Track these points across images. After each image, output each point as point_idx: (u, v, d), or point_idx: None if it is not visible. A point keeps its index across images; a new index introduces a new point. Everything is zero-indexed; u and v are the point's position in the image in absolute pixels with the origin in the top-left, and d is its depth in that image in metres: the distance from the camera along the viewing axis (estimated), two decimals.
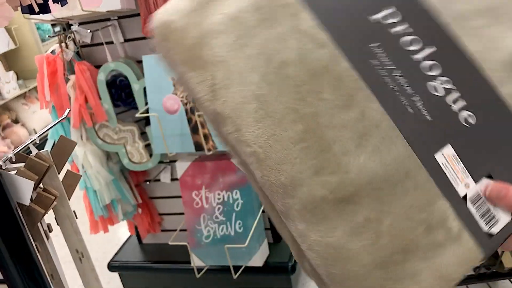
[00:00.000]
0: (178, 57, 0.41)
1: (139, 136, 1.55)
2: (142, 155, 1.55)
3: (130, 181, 1.66)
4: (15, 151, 0.67)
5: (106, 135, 1.54)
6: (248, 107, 0.38)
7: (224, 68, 0.39)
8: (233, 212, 1.52)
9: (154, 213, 1.77)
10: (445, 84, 0.42)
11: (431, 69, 0.42)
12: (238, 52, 0.39)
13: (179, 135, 1.44)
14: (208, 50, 0.39)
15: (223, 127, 0.39)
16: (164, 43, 0.41)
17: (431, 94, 0.41)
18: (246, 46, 0.39)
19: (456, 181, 0.40)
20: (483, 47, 0.43)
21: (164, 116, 1.43)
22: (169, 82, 1.41)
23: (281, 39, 0.40)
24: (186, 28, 0.40)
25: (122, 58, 1.49)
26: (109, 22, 1.45)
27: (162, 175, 1.69)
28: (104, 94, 1.46)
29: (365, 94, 0.40)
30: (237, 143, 0.39)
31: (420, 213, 0.39)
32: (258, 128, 0.38)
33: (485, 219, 0.41)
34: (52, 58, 1.42)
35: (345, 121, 0.39)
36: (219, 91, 0.39)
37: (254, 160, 0.39)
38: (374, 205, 0.38)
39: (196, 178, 1.55)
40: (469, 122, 0.41)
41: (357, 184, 0.38)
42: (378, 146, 0.39)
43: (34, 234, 0.65)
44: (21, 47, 3.68)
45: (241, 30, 0.39)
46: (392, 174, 0.39)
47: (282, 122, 0.38)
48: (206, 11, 0.40)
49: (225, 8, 0.40)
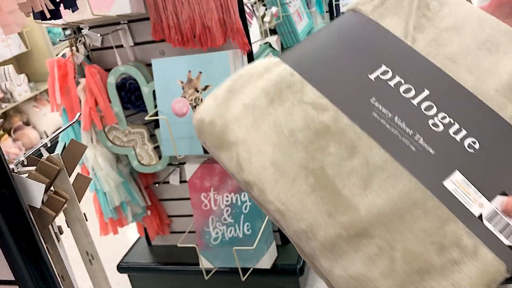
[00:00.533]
0: (211, 144, 0.49)
1: (148, 139, 1.56)
2: (151, 157, 1.57)
3: (140, 183, 1.67)
4: (27, 155, 0.68)
5: (116, 137, 1.56)
6: (267, 172, 0.46)
7: (245, 146, 0.47)
8: (242, 214, 1.53)
9: (163, 215, 1.78)
10: (444, 120, 0.46)
11: (428, 110, 0.47)
12: (255, 131, 0.47)
13: (188, 137, 1.45)
14: (232, 135, 0.48)
15: (252, 192, 0.47)
16: (201, 136, 0.51)
17: (432, 130, 0.46)
18: (261, 125, 0.48)
19: (469, 203, 0.44)
20: (478, 80, 0.48)
21: (173, 119, 1.44)
22: (178, 86, 1.43)
23: (289, 113, 0.48)
24: (213, 121, 0.49)
25: (132, 62, 1.50)
26: (119, 26, 1.47)
27: (171, 177, 1.70)
28: (114, 97, 1.48)
29: (367, 142, 0.45)
30: (264, 203, 0.46)
31: (432, 236, 0.43)
32: (277, 188, 0.45)
33: (505, 233, 0.43)
34: (63, 62, 1.44)
35: (351, 168, 0.45)
36: (244, 164, 0.47)
37: (278, 215, 0.45)
38: (385, 235, 0.43)
39: (204, 180, 1.56)
40: (473, 148, 0.45)
41: (367, 220, 0.43)
42: (383, 185, 0.44)
43: (45, 236, 0.66)
44: (32, 50, 3.73)
45: (256, 113, 0.48)
46: (399, 206, 0.43)
47: (296, 179, 0.45)
48: (228, 104, 0.50)
49: (242, 99, 0.49)
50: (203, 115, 0.50)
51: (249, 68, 0.52)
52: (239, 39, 1.35)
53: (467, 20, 0.53)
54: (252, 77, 0.51)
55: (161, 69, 1.44)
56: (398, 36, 0.52)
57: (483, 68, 0.49)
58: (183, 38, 1.38)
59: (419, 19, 0.53)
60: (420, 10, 0.54)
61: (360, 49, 0.51)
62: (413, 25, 0.52)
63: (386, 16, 0.53)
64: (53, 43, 3.82)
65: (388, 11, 0.53)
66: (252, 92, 0.50)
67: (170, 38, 1.38)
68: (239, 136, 0.48)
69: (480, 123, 0.46)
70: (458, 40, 0.51)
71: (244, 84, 0.51)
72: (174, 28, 1.37)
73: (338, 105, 0.47)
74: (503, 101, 0.47)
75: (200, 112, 0.51)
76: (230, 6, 1.31)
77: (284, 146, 0.46)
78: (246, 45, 1.37)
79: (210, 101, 0.51)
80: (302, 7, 2.38)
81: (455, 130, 0.46)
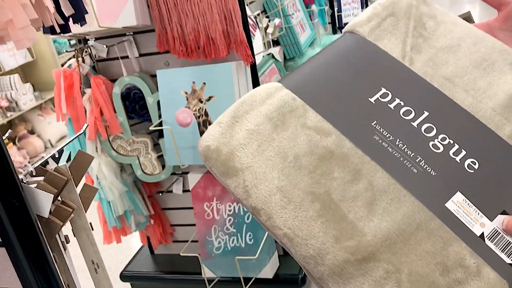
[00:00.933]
0: (217, 171, 0.50)
1: (152, 148, 1.58)
2: (155, 166, 1.58)
3: (143, 192, 1.69)
4: (35, 165, 0.70)
5: (120, 146, 1.57)
6: (274, 198, 0.47)
7: (251, 172, 0.48)
8: (244, 224, 1.54)
9: (166, 224, 1.79)
10: (444, 141, 0.47)
11: (428, 131, 0.48)
12: (260, 157, 0.48)
13: (192, 147, 1.46)
14: (237, 161, 0.48)
15: (259, 217, 0.47)
16: (207, 162, 0.51)
17: (432, 152, 0.47)
18: (266, 150, 0.48)
19: (470, 223, 0.44)
20: (475, 99, 0.49)
21: (177, 128, 1.46)
22: (182, 96, 1.45)
23: (292, 138, 0.48)
24: (219, 148, 0.50)
25: (137, 72, 1.53)
26: (124, 37, 1.49)
27: (174, 187, 1.71)
28: (119, 107, 1.50)
29: (370, 166, 0.46)
30: (272, 228, 0.47)
31: (436, 257, 0.44)
32: (284, 213, 0.46)
33: (506, 252, 0.44)
34: (69, 72, 1.46)
35: (356, 192, 0.46)
36: (251, 190, 0.47)
37: (286, 240, 0.46)
38: (391, 258, 0.44)
39: (207, 189, 1.57)
40: (473, 168, 0.46)
41: (374, 244, 0.44)
42: (387, 208, 0.45)
43: (52, 245, 0.68)
44: (38, 59, 3.77)
45: (260, 139, 0.49)
46: (404, 228, 0.44)
47: (302, 205, 0.46)
48: (232, 131, 0.50)
49: (245, 125, 0.50)
50: (209, 142, 0.51)
51: (251, 94, 0.53)
52: (242, 51, 1.37)
53: (463, 39, 0.54)
54: (255, 103, 0.52)
55: (165, 80, 1.46)
56: (396, 57, 0.53)
57: (479, 87, 0.50)
58: (188, 50, 1.40)
59: (416, 39, 0.54)
60: (416, 30, 0.55)
61: (359, 72, 0.52)
62: (410, 45, 0.53)
63: (383, 37, 0.54)
64: (58, 53, 3.85)
65: (385, 32, 0.54)
66: (255, 118, 0.51)
67: (174, 49, 1.41)
68: (245, 162, 0.48)
69: (479, 143, 0.47)
70: (455, 59, 0.52)
71: (247, 110, 0.51)
72: (178, 40, 1.39)
73: (341, 129, 0.48)
74: (500, 120, 0.48)
75: (205, 139, 0.52)
76: (234, 19, 1.34)
77: (289, 172, 0.47)
78: (250, 57, 1.39)
79: (215, 129, 0.52)
80: (304, 18, 2.40)
81: (455, 151, 0.47)
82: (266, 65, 1.96)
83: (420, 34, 0.54)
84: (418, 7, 0.56)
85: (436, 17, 0.56)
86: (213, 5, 1.32)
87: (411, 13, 0.56)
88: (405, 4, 0.56)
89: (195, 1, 1.32)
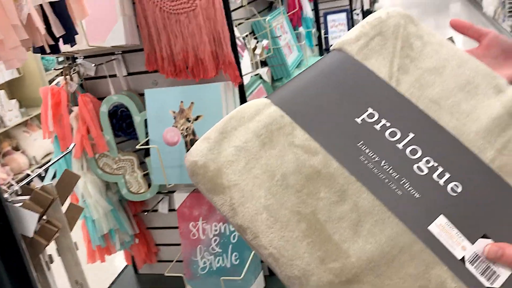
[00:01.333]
0: (204, 187, 0.49)
1: (138, 166, 1.57)
2: (141, 184, 1.58)
3: (128, 211, 1.68)
4: (21, 184, 0.70)
5: (106, 164, 1.57)
6: (260, 217, 0.46)
7: (238, 190, 0.47)
8: (230, 244, 1.53)
9: (151, 243, 1.78)
10: (428, 163, 0.48)
11: (413, 153, 0.48)
12: (247, 175, 0.48)
13: (178, 166, 1.46)
14: (225, 178, 0.48)
15: (245, 236, 0.48)
16: (193, 178, 0.51)
17: (417, 174, 0.47)
18: (253, 168, 0.48)
19: (452, 246, 0.45)
20: (459, 122, 0.50)
21: (164, 147, 1.46)
22: (170, 115, 1.45)
23: (280, 156, 0.48)
24: (206, 165, 0.49)
25: (125, 91, 1.53)
26: (113, 56, 1.50)
27: (160, 206, 1.70)
28: (106, 126, 1.50)
29: (356, 186, 0.47)
30: (257, 247, 0.47)
31: (418, 280, 0.44)
32: (271, 233, 0.46)
33: (485, 276, 0.45)
34: (56, 90, 1.46)
35: (341, 213, 0.46)
36: (238, 208, 0.47)
37: (272, 260, 0.46)
38: (375, 280, 0.44)
39: (193, 209, 1.57)
40: (456, 191, 0.47)
41: (358, 266, 0.44)
42: (372, 229, 0.45)
43: (35, 264, 0.67)
44: (25, 75, 3.75)
45: (248, 156, 0.49)
46: (387, 251, 0.45)
47: (288, 225, 0.46)
48: (220, 147, 0.50)
49: (233, 141, 0.50)
50: (196, 158, 0.50)
51: (240, 110, 0.53)
52: (231, 71, 1.39)
53: (448, 60, 0.55)
54: (243, 118, 0.51)
55: (153, 99, 1.47)
56: (383, 77, 0.53)
57: (464, 110, 0.51)
58: (176, 70, 1.42)
59: (403, 60, 0.54)
60: (404, 50, 0.55)
61: (347, 92, 0.52)
62: (397, 65, 0.54)
63: (371, 57, 0.54)
64: (46, 70, 3.84)
65: (373, 52, 0.55)
66: (243, 134, 0.50)
67: (163, 69, 1.42)
68: (232, 180, 0.48)
69: (462, 167, 0.48)
70: (440, 81, 0.53)
71: (235, 126, 0.51)
72: (167, 60, 1.40)
73: (327, 148, 0.48)
74: (483, 144, 0.49)
75: (192, 154, 0.51)
76: (223, 40, 1.36)
77: (276, 191, 0.47)
78: (238, 78, 1.41)
79: (202, 144, 0.51)
80: (292, 40, 2.44)
81: (438, 174, 0.47)
82: (254, 86, 1.98)
83: (407, 55, 0.55)
84: (405, 27, 0.57)
85: (423, 37, 0.57)
86: (202, 27, 1.33)
87: (398, 33, 0.56)
88: (393, 24, 0.57)
89: (184, 22, 1.34)
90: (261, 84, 2.05)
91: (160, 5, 1.35)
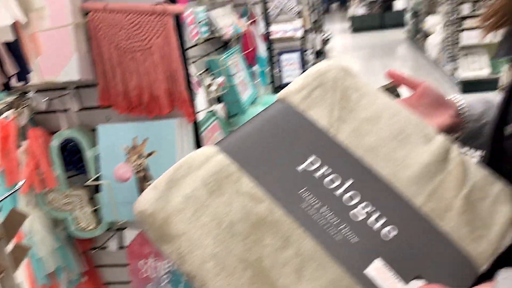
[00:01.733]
0: (152, 236, 0.50)
1: (87, 202, 1.54)
2: (90, 221, 1.54)
3: (77, 248, 1.63)
4: None
5: (54, 200, 1.53)
6: (208, 265, 0.48)
7: (187, 238, 0.48)
8: (181, 283, 1.51)
9: (99, 281, 1.72)
10: (366, 209, 0.51)
11: (352, 199, 0.51)
12: (195, 223, 0.49)
13: (130, 202, 1.44)
14: (173, 227, 0.49)
15: (194, 284, 0.49)
16: (143, 226, 0.52)
17: (354, 220, 0.50)
18: (201, 216, 0.49)
19: None
20: (394, 169, 0.53)
21: (115, 183, 1.44)
22: (122, 151, 1.45)
23: (227, 204, 0.50)
24: (154, 214, 0.50)
25: (77, 126, 1.52)
26: (66, 91, 1.49)
27: (109, 243, 1.67)
28: (56, 160, 1.47)
29: (299, 233, 0.49)
30: None
31: None
32: (217, 281, 0.47)
33: None
34: (5, 123, 1.42)
35: (285, 259, 0.48)
36: (186, 257, 0.48)
37: None
38: None
39: (144, 246, 1.54)
40: (391, 235, 0.50)
41: None
42: (314, 274, 0.47)
43: None
44: None
45: (196, 205, 0.50)
46: None
47: (235, 272, 0.47)
48: (168, 197, 0.50)
49: (182, 190, 0.51)
50: (144, 206, 0.51)
51: (188, 158, 0.54)
52: (185, 108, 1.41)
53: (383, 111, 0.59)
54: (191, 167, 0.53)
55: (106, 134, 1.46)
56: (323, 127, 0.56)
57: (397, 158, 0.54)
58: (130, 105, 1.42)
59: (341, 110, 0.58)
60: (342, 101, 0.59)
61: (289, 141, 0.55)
62: (336, 115, 0.57)
63: (312, 107, 0.58)
64: None
65: (314, 103, 0.58)
66: (191, 183, 0.51)
67: (117, 104, 1.42)
68: (180, 229, 0.49)
69: (396, 211, 0.51)
70: (376, 130, 0.56)
71: (183, 175, 0.52)
72: (121, 96, 1.41)
73: (272, 196, 0.50)
74: (415, 189, 0.52)
75: (140, 203, 0.52)
76: (178, 77, 1.38)
77: (224, 238, 0.48)
78: (192, 115, 1.43)
79: (151, 193, 0.52)
80: (247, 78, 2.50)
81: (375, 218, 0.50)
82: (208, 122, 2.01)
83: (345, 106, 0.59)
84: (344, 80, 0.61)
85: (360, 89, 0.61)
86: (158, 64, 1.36)
87: (337, 85, 0.60)
88: (332, 76, 0.61)
89: (140, 60, 1.36)
90: (216, 120, 2.08)
91: (116, 42, 1.36)
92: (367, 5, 12.00)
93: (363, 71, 7.95)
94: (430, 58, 6.68)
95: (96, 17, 1.35)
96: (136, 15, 1.33)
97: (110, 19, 1.34)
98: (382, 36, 10.93)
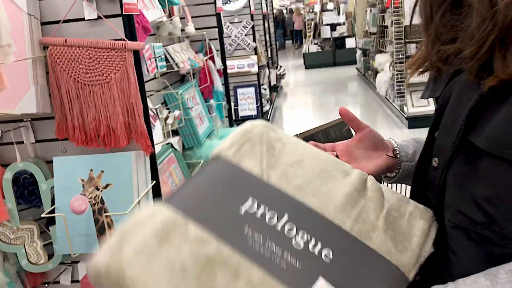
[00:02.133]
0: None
1: (38, 236, 1.52)
2: (40, 255, 1.52)
3: (27, 283, 1.58)
4: None
5: (2, 233, 1.50)
6: None
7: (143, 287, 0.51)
8: None
9: None
10: (303, 238, 0.58)
11: (290, 231, 0.58)
12: (150, 272, 0.51)
13: (85, 235, 1.44)
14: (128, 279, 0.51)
15: None
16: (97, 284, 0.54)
17: (295, 248, 0.56)
18: (154, 265, 0.52)
19: None
20: (322, 201, 0.62)
21: (70, 216, 1.44)
22: (78, 183, 1.45)
23: (177, 250, 0.54)
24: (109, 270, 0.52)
25: (32, 158, 1.51)
26: (21, 123, 1.49)
27: (62, 277, 1.63)
28: (9, 194, 1.45)
29: (246, 265, 0.54)
30: None
31: None
32: None
33: None
34: None
35: None
36: None
37: None
38: None
39: None
40: (329, 258, 0.56)
41: None
42: None
43: None
44: None
45: (148, 255, 0.53)
46: None
47: None
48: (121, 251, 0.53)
49: (133, 244, 0.54)
50: (99, 265, 0.53)
51: (137, 217, 0.58)
52: (142, 141, 1.43)
53: (305, 155, 0.69)
54: (140, 224, 0.56)
55: (62, 167, 1.46)
56: (256, 174, 0.64)
57: (322, 192, 0.63)
58: (87, 138, 1.43)
59: (269, 159, 0.67)
60: (268, 151, 0.68)
61: (229, 188, 0.62)
62: (265, 164, 0.66)
63: (244, 159, 0.66)
64: None
65: (245, 155, 0.67)
66: (142, 236, 0.55)
67: (74, 137, 1.43)
68: (135, 279, 0.51)
69: (330, 236, 0.58)
70: (301, 172, 0.66)
71: (134, 231, 0.55)
72: (78, 128, 1.42)
73: (219, 238, 0.55)
74: (342, 216, 0.61)
75: (95, 262, 0.54)
76: (135, 111, 1.41)
77: (177, 281, 0.51)
78: (149, 147, 1.45)
79: (104, 251, 0.54)
80: (203, 111, 2.55)
81: (313, 245, 0.57)
82: (165, 154, 2.03)
83: (272, 155, 0.68)
84: (268, 133, 0.71)
85: (282, 139, 0.71)
86: (116, 98, 1.39)
87: (263, 139, 0.69)
88: (258, 132, 0.70)
89: (98, 93, 1.39)
90: (172, 153, 2.11)
91: (75, 76, 1.38)
92: (321, 42, 12.47)
93: (317, 105, 8.19)
94: (380, 94, 6.99)
95: (56, 51, 1.37)
96: (96, 50, 1.36)
97: (70, 54, 1.37)
98: (334, 72, 11.35)
